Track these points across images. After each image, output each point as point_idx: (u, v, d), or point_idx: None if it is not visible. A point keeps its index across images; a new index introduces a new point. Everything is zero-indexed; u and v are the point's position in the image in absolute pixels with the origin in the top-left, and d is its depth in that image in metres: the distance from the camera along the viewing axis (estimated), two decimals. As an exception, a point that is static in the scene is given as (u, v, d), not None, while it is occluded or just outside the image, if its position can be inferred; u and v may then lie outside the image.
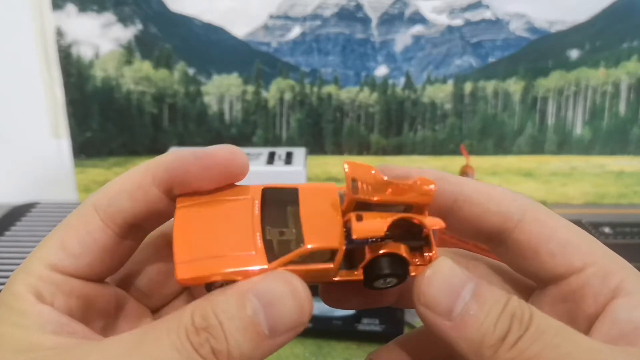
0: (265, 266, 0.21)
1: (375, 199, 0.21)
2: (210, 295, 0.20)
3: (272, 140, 0.81)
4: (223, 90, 0.79)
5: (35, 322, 0.22)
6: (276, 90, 0.80)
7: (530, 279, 0.25)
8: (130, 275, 0.27)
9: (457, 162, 0.81)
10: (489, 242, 0.25)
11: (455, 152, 0.82)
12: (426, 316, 0.21)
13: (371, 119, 0.81)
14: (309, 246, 0.21)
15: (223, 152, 0.23)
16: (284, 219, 0.23)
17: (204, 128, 0.80)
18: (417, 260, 0.22)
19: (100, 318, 0.25)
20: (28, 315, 0.22)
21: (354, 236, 0.21)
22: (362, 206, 0.22)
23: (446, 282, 0.20)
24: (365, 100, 0.80)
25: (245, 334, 0.19)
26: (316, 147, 0.82)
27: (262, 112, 0.80)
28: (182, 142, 0.80)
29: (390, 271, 0.21)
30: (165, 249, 0.26)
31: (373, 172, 0.22)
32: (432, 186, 0.22)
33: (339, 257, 0.21)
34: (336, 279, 0.22)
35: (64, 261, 0.23)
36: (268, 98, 0.80)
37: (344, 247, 0.21)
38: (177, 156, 0.24)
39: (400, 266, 0.22)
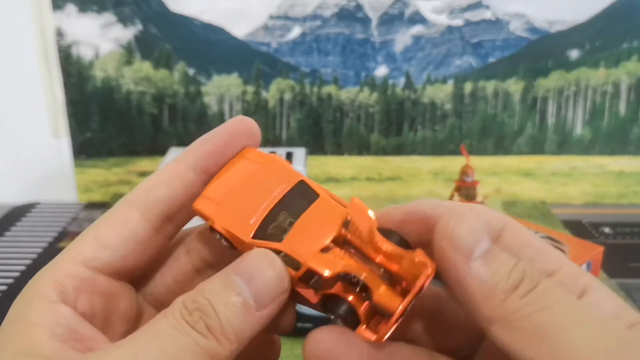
0: (246, 240, 0.23)
1: (359, 245, 0.22)
2: (197, 286, 0.22)
3: (272, 140, 0.81)
4: (223, 90, 0.79)
5: (47, 323, 0.21)
6: (276, 91, 0.80)
7: None
8: (150, 281, 0.27)
9: (457, 162, 0.81)
10: None
11: (455, 152, 0.82)
12: (446, 251, 0.21)
13: (371, 119, 0.81)
14: (282, 250, 0.22)
15: (238, 120, 0.26)
16: (298, 213, 0.24)
17: (204, 128, 0.78)
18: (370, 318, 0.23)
19: (122, 322, 0.25)
20: (41, 315, 0.21)
21: (307, 263, 0.22)
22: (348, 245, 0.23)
23: (473, 226, 0.21)
24: (365, 100, 0.80)
25: (233, 309, 0.21)
26: (316, 147, 0.82)
27: (262, 112, 0.80)
28: (182, 143, 0.80)
29: (340, 314, 0.22)
30: (183, 258, 0.27)
31: (371, 213, 0.22)
32: (428, 270, 0.21)
33: (301, 271, 0.22)
34: (296, 288, 0.23)
35: (99, 254, 0.23)
36: (268, 98, 0.80)
37: (309, 265, 0.22)
38: (206, 139, 0.25)
39: (349, 315, 0.22)
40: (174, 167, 0.25)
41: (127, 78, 0.78)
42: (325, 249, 0.22)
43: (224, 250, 0.26)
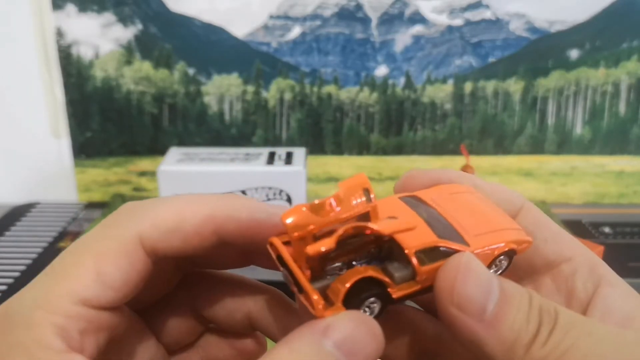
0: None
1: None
2: (288, 344, 0.19)
3: (272, 140, 0.81)
4: (223, 90, 0.79)
5: None
6: (276, 90, 0.79)
7: (524, 270, 0.25)
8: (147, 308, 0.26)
9: (457, 161, 0.81)
10: None
11: (455, 152, 0.82)
12: (457, 319, 0.20)
13: (371, 118, 0.81)
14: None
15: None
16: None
17: (204, 128, 0.80)
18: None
19: (120, 345, 0.23)
20: None
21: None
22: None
23: (480, 277, 0.20)
24: (365, 100, 0.80)
25: None
26: (316, 147, 0.82)
27: (262, 112, 0.80)
28: (182, 142, 0.80)
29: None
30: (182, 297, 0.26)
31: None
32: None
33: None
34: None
35: (101, 295, 0.21)
36: (268, 98, 0.80)
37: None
38: (247, 205, 0.22)
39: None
40: (201, 223, 0.22)
41: (127, 78, 0.78)
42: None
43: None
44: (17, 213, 0.78)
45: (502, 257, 0.23)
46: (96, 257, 0.21)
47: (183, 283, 0.27)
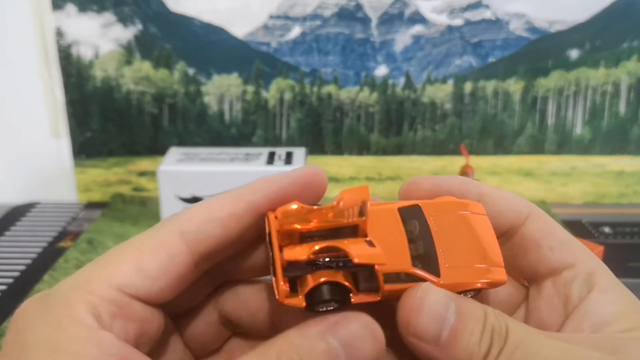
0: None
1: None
2: (288, 338, 0.21)
3: (272, 140, 0.81)
4: (223, 90, 0.79)
5: (96, 352, 0.20)
6: (276, 90, 0.79)
7: (528, 275, 0.27)
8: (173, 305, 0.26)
9: (457, 161, 0.81)
10: (499, 237, 0.26)
11: (455, 151, 0.81)
12: (415, 345, 0.22)
13: (371, 118, 0.81)
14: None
15: (311, 171, 0.24)
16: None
17: (204, 128, 0.80)
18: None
19: (148, 345, 0.24)
20: (85, 343, 0.20)
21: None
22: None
23: (432, 310, 0.22)
24: (365, 100, 0.80)
25: None
26: (316, 147, 0.82)
27: (262, 112, 0.80)
28: (182, 142, 0.80)
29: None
30: (211, 307, 0.27)
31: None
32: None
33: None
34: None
35: (138, 284, 0.22)
36: (268, 98, 0.80)
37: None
38: (273, 180, 0.24)
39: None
40: (233, 203, 0.23)
41: (127, 78, 0.78)
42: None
43: (250, 263, 0.26)
44: (17, 213, 0.78)
45: (469, 292, 0.24)
46: (137, 250, 0.22)
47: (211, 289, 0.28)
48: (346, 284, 0.22)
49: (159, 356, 0.25)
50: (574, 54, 0.79)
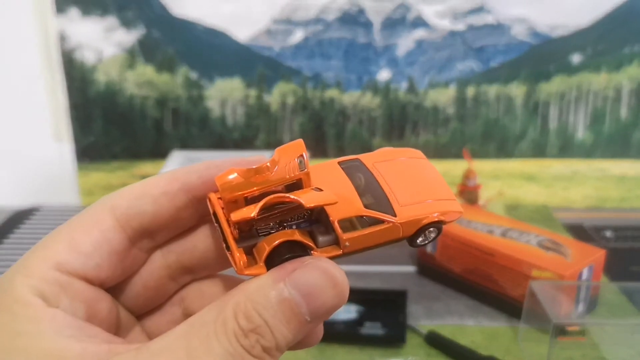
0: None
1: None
2: (244, 289, 0.21)
3: (274, 143, 0.81)
4: (225, 94, 0.79)
5: (51, 328, 0.20)
6: (279, 94, 0.79)
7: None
8: (121, 285, 0.26)
9: (459, 166, 0.81)
10: None
11: (458, 155, 0.81)
12: None
13: (373, 122, 0.81)
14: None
15: (255, 159, 0.24)
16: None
17: (206, 132, 0.80)
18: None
19: (102, 326, 0.23)
20: (40, 321, 0.20)
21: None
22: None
23: None
24: (367, 104, 0.80)
25: (290, 326, 0.20)
26: (318, 150, 0.81)
27: (265, 116, 0.80)
28: (184, 146, 0.80)
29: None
30: (157, 261, 0.26)
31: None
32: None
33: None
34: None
35: (73, 260, 0.22)
36: (270, 102, 0.80)
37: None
38: (213, 165, 0.24)
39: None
40: (166, 183, 0.24)
41: (130, 82, 0.78)
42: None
43: (208, 255, 0.25)
44: (20, 217, 0.78)
45: (430, 228, 0.24)
46: (70, 228, 0.23)
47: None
48: (304, 240, 0.22)
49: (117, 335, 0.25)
50: (576, 58, 0.79)
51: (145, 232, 0.24)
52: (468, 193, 0.74)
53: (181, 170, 0.24)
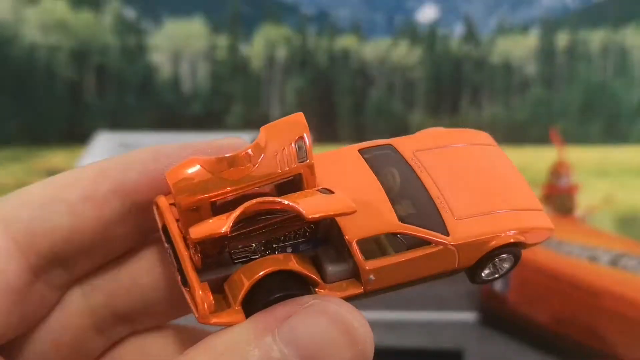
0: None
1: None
2: (210, 348, 0.17)
3: (256, 120, 0.67)
4: (179, 43, 0.64)
5: None
6: (263, 44, 0.65)
7: None
8: (21, 343, 0.21)
9: (544, 155, 0.69)
10: None
11: (543, 140, 0.67)
12: None
13: (411, 88, 0.67)
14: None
15: (229, 142, 0.20)
16: None
17: (149, 103, 0.64)
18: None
19: None
20: None
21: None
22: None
23: None
24: (401, 59, 0.66)
25: None
26: (326, 132, 0.67)
27: (241, 78, 0.65)
28: (116, 125, 0.64)
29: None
30: (75, 304, 0.21)
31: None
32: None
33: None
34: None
35: None
36: (250, 56, 0.64)
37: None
38: (159, 152, 0.19)
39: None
40: (90, 182, 0.19)
41: (29, 24, 0.62)
42: None
43: (154, 294, 0.20)
44: None
45: (503, 254, 0.19)
46: None
47: None
48: (303, 271, 0.18)
49: None
50: None
51: (56, 258, 0.19)
52: (559, 198, 0.68)
53: (112, 162, 0.19)
